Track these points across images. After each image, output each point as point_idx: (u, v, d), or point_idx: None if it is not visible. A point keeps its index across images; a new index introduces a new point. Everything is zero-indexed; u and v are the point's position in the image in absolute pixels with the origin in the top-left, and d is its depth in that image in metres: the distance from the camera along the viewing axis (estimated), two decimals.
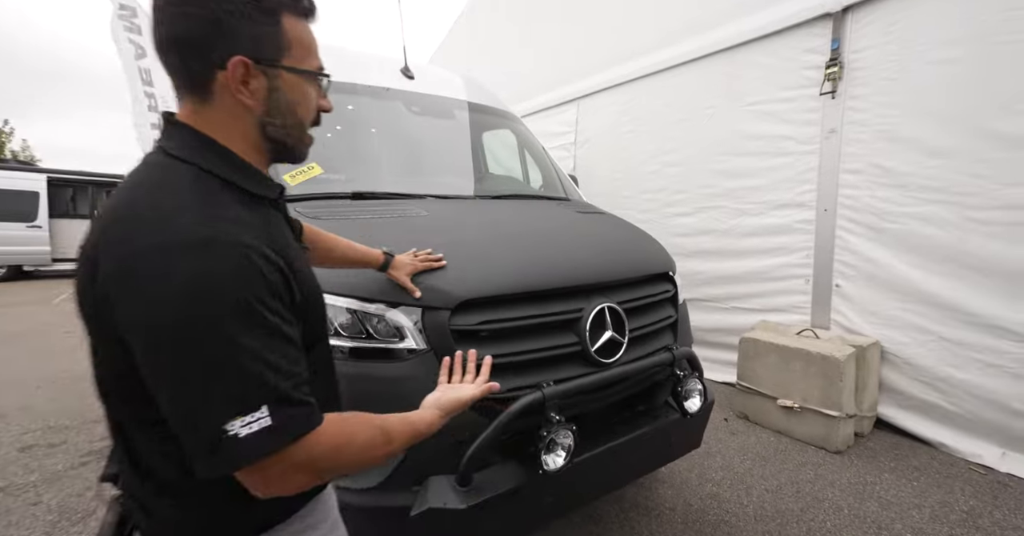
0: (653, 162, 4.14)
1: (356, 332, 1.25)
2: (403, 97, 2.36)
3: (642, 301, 1.62)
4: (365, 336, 1.25)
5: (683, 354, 1.57)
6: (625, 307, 1.53)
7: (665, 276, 1.80)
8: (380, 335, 1.25)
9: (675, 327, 1.74)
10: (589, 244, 1.71)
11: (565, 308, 1.41)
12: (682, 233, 3.81)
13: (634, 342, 1.54)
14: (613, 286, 1.55)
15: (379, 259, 1.23)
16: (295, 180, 1.75)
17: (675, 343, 1.70)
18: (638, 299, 1.60)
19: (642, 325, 1.59)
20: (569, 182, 2.76)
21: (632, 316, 1.55)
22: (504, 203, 2.10)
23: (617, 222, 2.12)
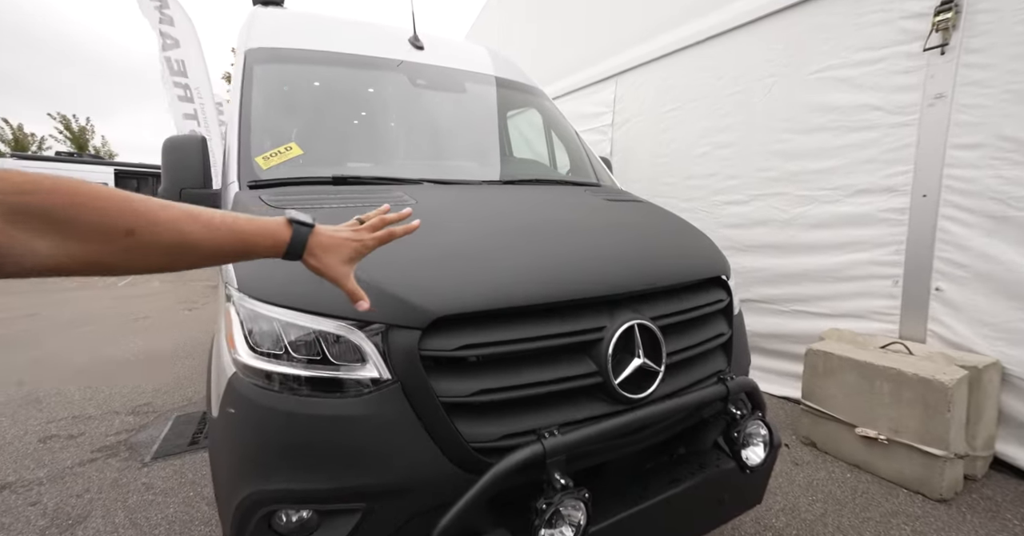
0: (701, 143, 3.63)
1: (305, 356, 0.97)
2: (407, 69, 2.06)
3: (685, 315, 1.24)
4: (318, 361, 0.97)
5: (741, 386, 1.19)
6: (662, 324, 1.16)
7: (717, 282, 1.41)
8: (335, 360, 0.96)
9: (729, 347, 1.35)
10: (617, 240, 1.34)
11: (580, 326, 1.07)
12: (734, 224, 3.31)
13: (674, 369, 1.18)
14: (647, 296, 1.19)
15: (281, 237, 0.69)
16: (268, 163, 1.51)
17: (729, 368, 1.32)
18: (680, 313, 1.23)
19: (684, 347, 1.22)
20: (601, 165, 2.38)
21: (671, 335, 1.19)
22: (516, 189, 1.76)
23: (655, 211, 1.73)
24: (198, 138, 1.61)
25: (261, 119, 1.64)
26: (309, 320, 0.97)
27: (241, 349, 0.99)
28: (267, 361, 0.96)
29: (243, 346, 1.00)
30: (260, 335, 0.99)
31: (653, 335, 1.13)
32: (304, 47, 1.93)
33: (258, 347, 0.98)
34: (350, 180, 1.52)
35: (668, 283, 1.24)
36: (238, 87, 1.72)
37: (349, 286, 0.77)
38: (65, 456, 2.46)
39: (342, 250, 0.75)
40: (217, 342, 1.12)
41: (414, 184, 1.58)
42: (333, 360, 0.96)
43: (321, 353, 0.96)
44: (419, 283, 0.99)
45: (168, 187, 1.58)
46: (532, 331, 1.02)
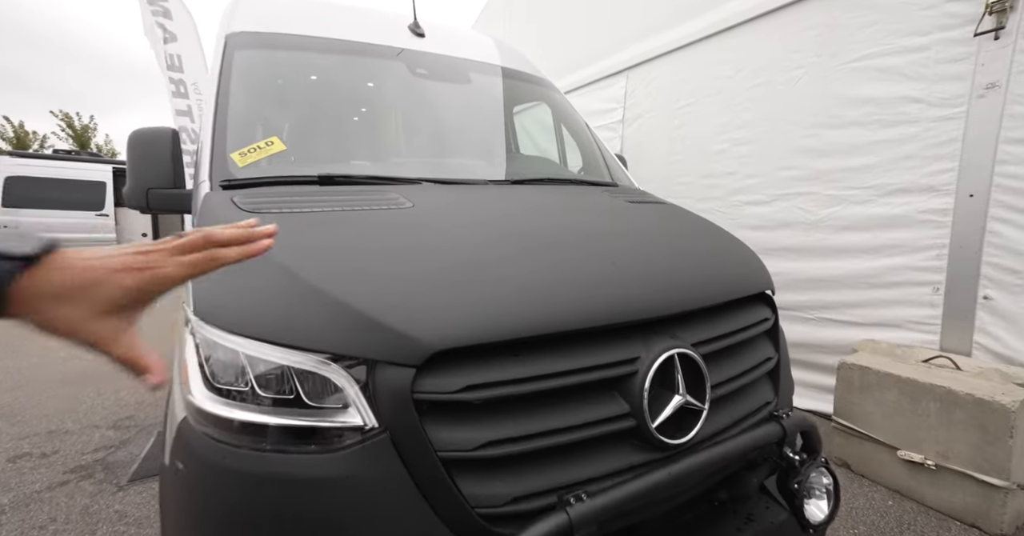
0: (719, 140, 3.43)
1: (271, 398, 0.78)
2: (406, 57, 1.87)
3: (729, 339, 1.05)
4: (287, 405, 0.78)
5: (798, 426, 1.00)
6: (704, 351, 0.97)
7: (760, 298, 1.21)
8: (309, 402, 0.78)
9: (776, 374, 1.16)
10: (648, 251, 1.15)
11: (610, 358, 0.88)
12: (755, 226, 3.11)
13: (718, 405, 0.99)
14: (683, 318, 1.00)
15: None
16: (245, 159, 1.32)
17: (777, 399, 1.13)
18: (723, 337, 1.04)
19: (730, 377, 1.03)
20: (616, 163, 2.19)
21: (714, 364, 1.00)
22: (527, 190, 1.56)
23: (683, 215, 1.53)
24: (168, 131, 1.42)
25: (240, 110, 1.45)
26: (278, 354, 0.78)
27: (195, 388, 0.81)
28: (225, 405, 0.78)
29: (198, 385, 0.81)
30: (218, 372, 0.80)
31: (695, 365, 0.94)
32: (292, 32, 1.75)
33: (215, 387, 0.80)
34: (339, 179, 1.33)
35: (709, 302, 1.04)
36: (216, 75, 1.54)
37: (119, 351, 0.44)
38: (34, 478, 2.29)
39: (101, 291, 0.43)
40: (173, 376, 0.94)
41: (411, 184, 1.39)
42: (308, 402, 0.78)
43: (292, 395, 0.78)
44: (413, 308, 0.80)
45: (133, 187, 1.40)
46: (552, 365, 0.83)
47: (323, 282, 0.82)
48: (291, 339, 0.78)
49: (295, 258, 0.88)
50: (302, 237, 0.96)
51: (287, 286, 0.84)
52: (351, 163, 1.47)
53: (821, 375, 2.66)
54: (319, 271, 0.85)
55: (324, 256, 0.90)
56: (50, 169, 10.49)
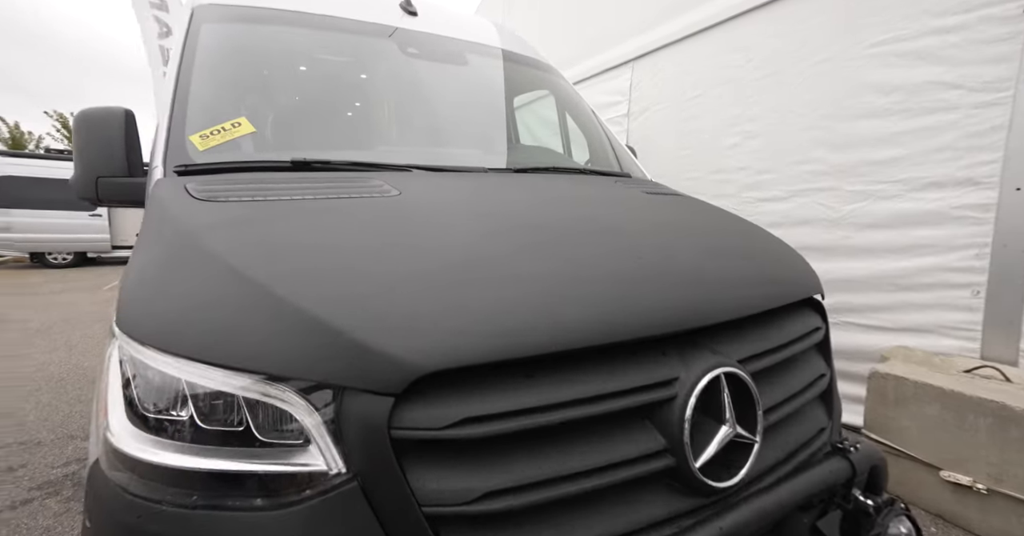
0: (731, 133, 3.25)
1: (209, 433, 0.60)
2: (396, 35, 1.69)
3: (779, 354, 0.87)
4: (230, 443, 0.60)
5: (867, 460, 0.82)
6: (753, 369, 0.79)
7: (808, 304, 1.03)
8: (259, 438, 0.60)
9: (829, 395, 0.98)
10: (677, 247, 0.97)
11: (642, 380, 0.70)
12: (772, 223, 2.92)
13: (770, 435, 0.81)
14: (725, 330, 0.82)
15: None
16: (207, 142, 1.14)
17: (832, 425, 0.95)
18: (773, 351, 0.86)
19: (782, 400, 0.84)
20: (627, 153, 2.01)
21: (765, 385, 0.82)
22: (531, 179, 1.38)
23: (712, 210, 1.36)
24: (120, 111, 1.24)
25: (203, 89, 1.27)
26: (217, 377, 0.60)
27: (114, 420, 0.63)
28: (148, 443, 0.60)
29: (118, 416, 0.63)
30: (144, 399, 0.62)
31: (743, 387, 0.76)
32: (266, 5, 1.57)
33: (140, 417, 0.62)
34: (315, 165, 1.15)
35: (755, 309, 0.86)
36: (179, 50, 1.36)
37: None
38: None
39: None
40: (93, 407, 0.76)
41: (400, 171, 1.21)
42: (259, 438, 0.60)
43: (240, 428, 0.60)
44: (391, 317, 0.62)
45: (81, 175, 1.22)
46: (569, 391, 0.65)
47: (278, 285, 0.64)
48: (234, 358, 0.59)
49: (246, 257, 0.70)
50: (258, 231, 0.78)
51: (234, 291, 0.66)
52: (330, 147, 1.29)
53: (846, 383, 2.48)
54: (274, 272, 0.67)
55: (282, 254, 0.72)
56: (43, 169, 10.35)
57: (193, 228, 0.78)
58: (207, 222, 0.79)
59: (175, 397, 0.61)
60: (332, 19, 1.62)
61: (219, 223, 0.79)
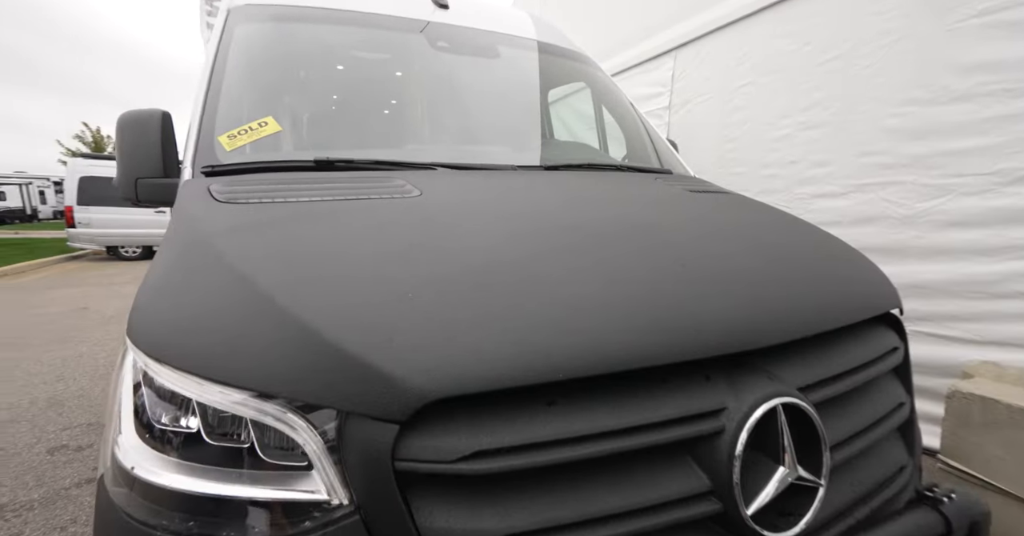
0: (782, 124, 3.01)
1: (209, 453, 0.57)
2: (426, 29, 1.64)
3: (849, 381, 0.75)
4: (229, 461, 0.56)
5: (965, 513, 0.69)
6: (818, 399, 0.68)
7: (884, 321, 0.89)
8: (264, 461, 0.56)
9: (909, 427, 0.84)
10: (726, 252, 0.86)
11: (685, 408, 0.61)
12: (827, 222, 2.66)
13: (837, 476, 0.69)
14: (782, 351, 0.71)
15: None
16: (234, 142, 1.13)
17: (913, 462, 0.81)
18: (842, 377, 0.74)
19: (851, 435, 0.72)
20: (667, 149, 1.88)
21: (832, 417, 0.70)
22: (562, 177, 1.30)
23: (766, 210, 1.22)
24: (158, 113, 1.26)
25: (234, 89, 1.27)
26: (216, 395, 0.56)
27: (123, 433, 0.61)
28: (153, 463, 0.57)
29: (127, 430, 0.61)
30: (149, 414, 0.60)
31: (805, 420, 0.65)
32: (298, 3, 1.55)
33: (146, 433, 0.59)
34: (339, 164, 1.12)
35: (820, 327, 0.74)
36: (212, 50, 1.36)
37: None
38: (67, 473, 2.27)
39: None
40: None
41: (424, 169, 1.16)
42: (259, 461, 0.56)
43: (238, 450, 0.56)
44: (398, 334, 0.56)
45: (122, 176, 1.25)
46: (597, 422, 0.57)
47: (278, 296, 0.60)
48: (231, 374, 0.56)
49: (251, 266, 0.66)
50: (267, 237, 0.74)
51: (236, 302, 0.62)
52: (354, 146, 1.26)
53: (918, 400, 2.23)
54: (275, 282, 0.63)
55: (286, 262, 0.68)
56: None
57: (206, 234, 0.76)
58: (220, 227, 0.77)
59: (177, 413, 0.58)
60: (363, 15, 1.59)
61: (231, 228, 0.77)
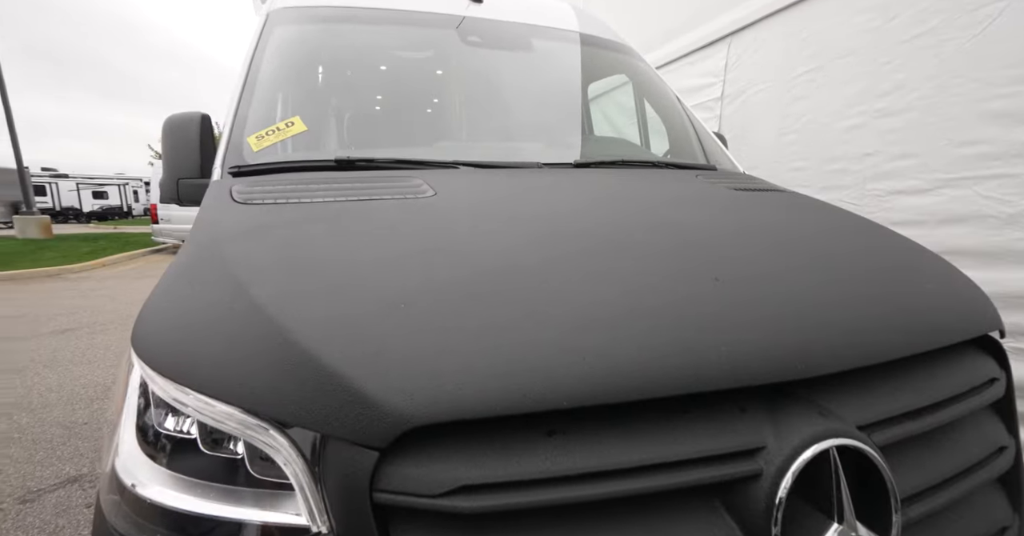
0: (853, 113, 2.71)
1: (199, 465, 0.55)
2: (456, 23, 1.60)
3: (929, 419, 0.61)
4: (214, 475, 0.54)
5: None
6: (885, 440, 0.56)
7: (979, 345, 0.74)
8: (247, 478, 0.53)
9: (1015, 480, 0.69)
10: (773, 262, 0.74)
11: (714, 446, 0.51)
12: (907, 221, 2.38)
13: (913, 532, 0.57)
14: (840, 381, 0.59)
15: None
16: (261, 143, 1.14)
17: (1018, 521, 0.66)
18: (918, 414, 0.61)
19: (930, 486, 0.59)
20: (714, 143, 1.73)
21: (904, 463, 0.58)
22: (591, 175, 1.21)
23: (827, 210, 1.07)
24: (197, 116, 1.30)
25: (266, 90, 1.29)
26: (203, 408, 0.54)
27: (126, 446, 0.60)
28: (144, 472, 0.56)
29: (129, 440, 0.61)
30: (145, 422, 0.59)
31: (868, 465, 0.53)
32: (334, 3, 1.57)
33: (143, 442, 0.59)
34: (359, 164, 1.10)
35: (890, 353, 0.62)
36: (249, 53, 1.40)
37: None
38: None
39: None
40: None
41: (445, 168, 1.12)
42: (244, 479, 0.53)
43: (224, 467, 0.54)
44: (380, 353, 0.51)
45: (166, 177, 1.31)
46: (604, 458, 0.49)
47: (268, 304, 0.57)
48: (214, 387, 0.53)
49: (249, 269, 0.64)
50: (269, 240, 0.73)
51: (229, 309, 0.60)
52: (377, 145, 1.24)
53: None
54: (269, 289, 0.60)
55: (283, 267, 0.66)
56: None
57: (214, 236, 0.75)
58: (227, 230, 0.76)
59: (172, 424, 0.57)
60: (395, 13, 1.58)
61: (237, 232, 0.76)
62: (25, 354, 3.54)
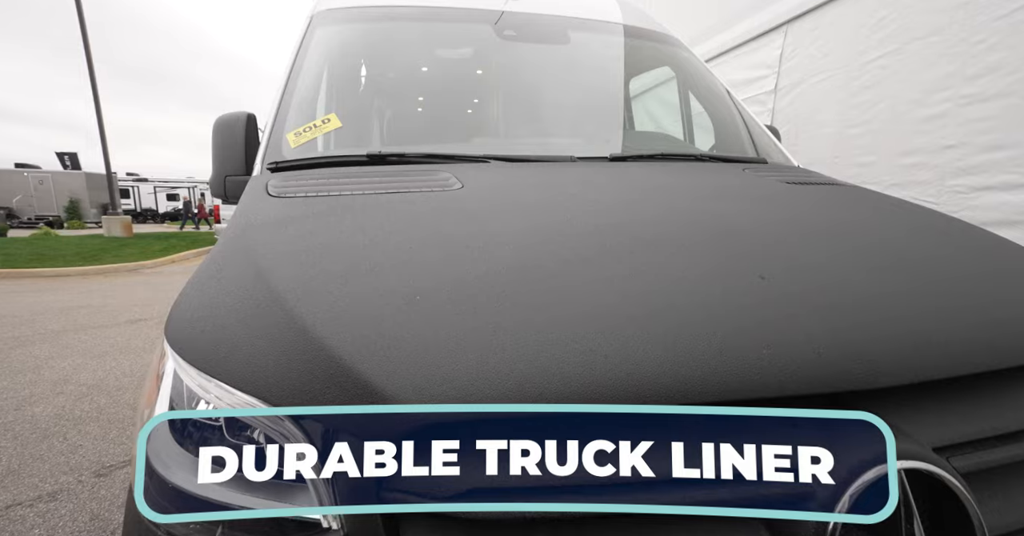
0: (933, 101, 2.45)
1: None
2: (495, 19, 1.59)
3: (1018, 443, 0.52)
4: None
5: None
6: (969, 467, 0.48)
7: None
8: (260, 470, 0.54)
9: None
10: (828, 262, 0.66)
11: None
12: (999, 221, 2.12)
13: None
14: (910, 395, 0.51)
15: None
16: (299, 139, 1.18)
17: None
18: (1008, 439, 0.51)
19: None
20: (765, 136, 1.60)
21: (992, 494, 0.49)
22: (628, 169, 1.14)
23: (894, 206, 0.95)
24: (243, 115, 1.37)
25: (307, 89, 1.33)
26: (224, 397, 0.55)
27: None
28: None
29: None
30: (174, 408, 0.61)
31: (947, 494, 0.45)
32: (375, 3, 1.60)
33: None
34: (390, 158, 1.10)
35: (971, 368, 0.53)
36: (292, 54, 1.45)
37: None
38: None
39: None
40: None
41: (476, 162, 1.10)
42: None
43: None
44: (393, 348, 0.49)
45: (215, 174, 1.38)
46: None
47: (286, 295, 0.57)
48: (234, 377, 0.54)
49: (272, 260, 0.65)
50: (295, 231, 0.73)
51: (250, 299, 0.61)
52: (409, 140, 1.24)
53: None
54: (288, 280, 0.60)
55: (306, 258, 0.66)
56: None
57: (244, 227, 0.77)
58: (258, 221, 0.78)
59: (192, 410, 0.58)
60: (434, 10, 1.59)
61: (266, 222, 0.77)
62: (106, 341, 3.91)
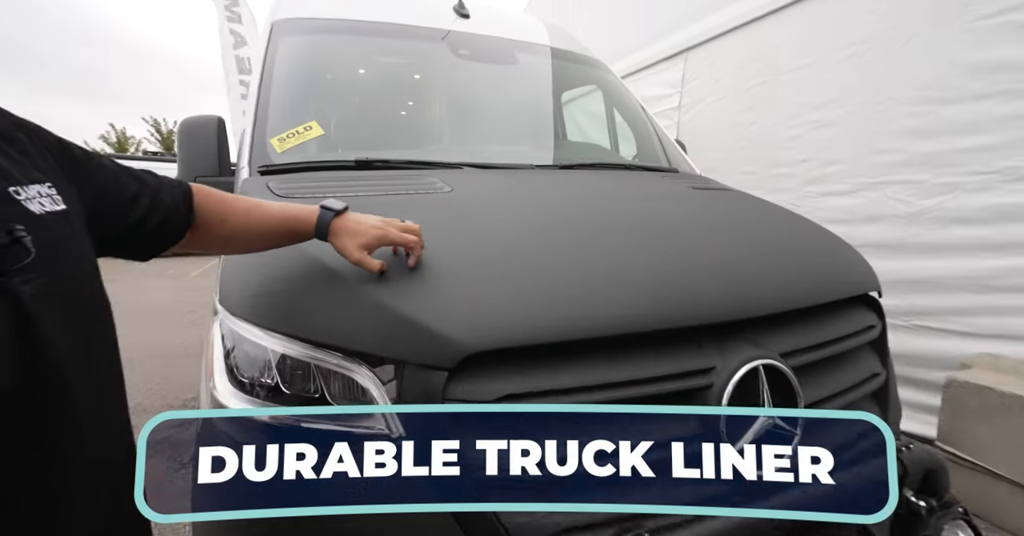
0: (794, 123, 3.08)
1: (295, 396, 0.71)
2: (449, 38, 1.78)
3: (826, 350, 0.86)
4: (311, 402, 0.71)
5: (922, 463, 0.80)
6: (796, 364, 0.80)
7: (863, 301, 1.00)
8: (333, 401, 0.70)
9: (884, 395, 0.95)
10: (719, 239, 0.98)
11: (679, 367, 0.73)
12: (834, 219, 2.74)
13: None
14: (768, 323, 0.82)
15: (310, 219, 0.75)
16: (284, 145, 1.28)
17: None
18: (819, 347, 0.85)
19: (826, 397, 0.84)
20: (675, 148, 1.98)
21: (808, 381, 0.81)
22: (577, 175, 1.42)
23: (761, 204, 1.33)
24: (215, 119, 1.41)
25: (281, 96, 1.42)
26: (299, 349, 0.70)
27: (219, 380, 0.76)
28: (247, 402, 0.72)
29: (222, 378, 0.76)
30: (242, 366, 0.74)
31: (784, 380, 0.76)
32: (335, 16, 1.70)
33: (238, 381, 0.74)
34: (376, 164, 1.26)
35: (800, 303, 0.86)
36: (260, 62, 1.52)
37: (364, 260, 0.73)
38: None
39: (360, 237, 0.74)
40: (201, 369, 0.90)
41: (452, 168, 1.29)
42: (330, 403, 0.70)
43: (317, 395, 0.70)
44: (446, 303, 0.70)
45: (182, 175, 1.41)
46: (608, 375, 0.69)
47: (348, 273, 0.74)
48: (313, 334, 0.70)
49: (321, 247, 0.80)
50: None
51: (312, 277, 0.77)
52: (389, 147, 1.40)
53: (916, 391, 2.30)
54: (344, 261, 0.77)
55: None
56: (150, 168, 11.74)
57: None
58: None
59: (265, 365, 0.72)
60: (391, 26, 1.73)
61: None
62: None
